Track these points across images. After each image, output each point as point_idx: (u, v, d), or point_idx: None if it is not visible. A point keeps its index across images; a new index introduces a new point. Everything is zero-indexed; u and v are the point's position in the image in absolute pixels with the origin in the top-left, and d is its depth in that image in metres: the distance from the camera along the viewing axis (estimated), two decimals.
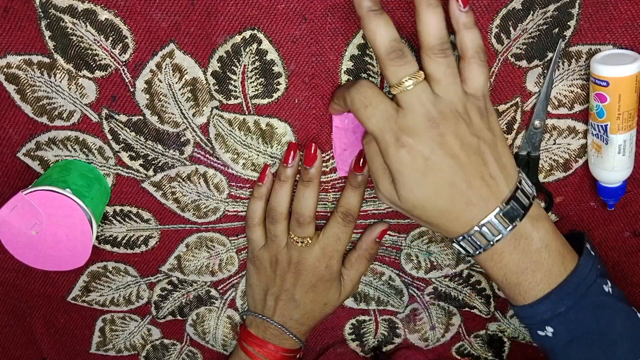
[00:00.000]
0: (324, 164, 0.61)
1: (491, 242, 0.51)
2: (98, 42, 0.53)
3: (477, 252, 0.52)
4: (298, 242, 0.62)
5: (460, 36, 0.50)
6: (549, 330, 0.53)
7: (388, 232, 0.66)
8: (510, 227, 0.51)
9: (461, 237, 0.52)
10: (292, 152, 0.59)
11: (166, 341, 0.73)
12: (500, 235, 0.51)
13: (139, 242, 0.65)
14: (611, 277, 0.55)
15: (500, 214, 0.51)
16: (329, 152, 0.60)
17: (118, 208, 0.62)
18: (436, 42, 0.49)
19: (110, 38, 0.53)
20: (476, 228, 0.51)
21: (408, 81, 0.49)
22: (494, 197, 0.51)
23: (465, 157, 0.50)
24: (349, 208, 0.61)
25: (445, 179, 0.50)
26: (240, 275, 0.69)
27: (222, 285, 0.69)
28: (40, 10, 0.51)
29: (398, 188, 0.51)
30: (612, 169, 0.57)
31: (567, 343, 0.53)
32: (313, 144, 0.59)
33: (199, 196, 0.62)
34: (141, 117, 0.57)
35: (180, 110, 0.57)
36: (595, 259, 0.54)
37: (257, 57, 0.55)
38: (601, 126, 0.56)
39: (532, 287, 0.52)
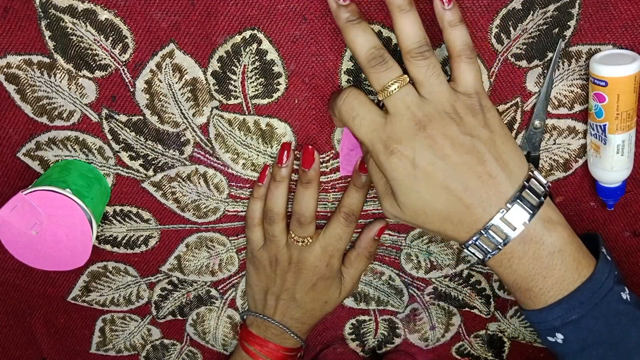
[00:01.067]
0: (324, 165, 0.61)
1: (499, 247, 0.49)
2: (98, 42, 0.53)
3: (487, 257, 0.50)
4: (298, 242, 0.62)
5: (446, 34, 0.50)
6: (559, 337, 0.51)
7: (388, 232, 0.66)
8: (517, 229, 0.48)
9: (469, 243, 0.50)
10: (285, 152, 0.59)
11: (166, 341, 0.73)
12: (508, 238, 0.49)
13: (139, 242, 0.65)
14: (627, 282, 0.52)
15: (505, 216, 0.48)
16: (329, 152, 0.60)
17: (118, 208, 0.62)
18: (414, 46, 0.49)
19: (110, 38, 0.53)
20: (482, 231, 0.49)
21: (392, 85, 0.49)
22: (495, 198, 0.48)
23: (458, 158, 0.48)
24: (352, 208, 0.61)
25: (439, 181, 0.48)
26: (240, 275, 0.69)
27: (222, 285, 0.69)
28: (40, 10, 0.51)
29: (396, 197, 0.51)
30: (610, 169, 0.57)
31: (578, 351, 0.50)
32: (310, 146, 0.59)
33: (199, 196, 0.62)
34: (141, 117, 0.57)
35: (180, 110, 0.57)
36: (612, 264, 0.51)
37: (257, 57, 0.55)
38: (600, 126, 0.56)
39: (542, 293, 0.50)
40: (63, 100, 0.56)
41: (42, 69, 0.54)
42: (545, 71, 0.57)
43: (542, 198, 0.49)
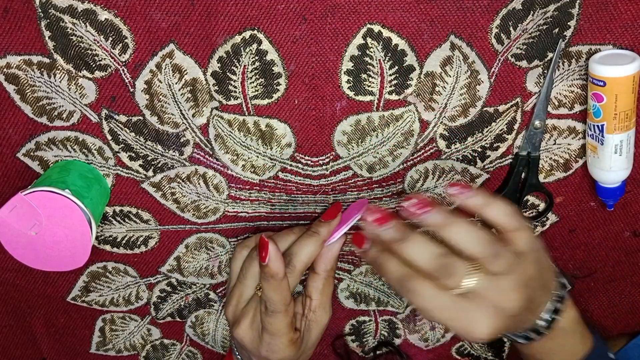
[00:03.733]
0: (324, 167, 0.61)
1: (527, 341, 0.56)
2: (98, 43, 0.53)
3: (517, 342, 0.57)
4: None
5: (485, 215, 0.50)
6: None
7: None
8: (547, 331, 0.54)
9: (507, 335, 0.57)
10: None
11: (166, 341, 0.73)
12: (535, 336, 0.55)
13: (139, 243, 0.65)
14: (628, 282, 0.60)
15: (540, 326, 0.54)
16: (329, 154, 0.60)
17: (118, 208, 0.62)
18: (485, 254, 0.49)
19: (110, 38, 0.53)
20: (518, 334, 0.56)
21: (466, 282, 0.49)
22: (536, 317, 0.54)
23: (522, 311, 0.51)
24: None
25: (502, 328, 0.51)
26: None
27: (221, 289, 0.69)
28: (40, 10, 0.51)
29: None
30: (609, 169, 0.57)
31: None
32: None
33: (198, 197, 0.62)
34: (141, 118, 0.57)
35: (180, 110, 0.57)
36: (598, 332, 0.60)
37: (257, 58, 0.55)
38: (597, 126, 0.56)
39: None
40: (63, 100, 0.56)
41: (42, 69, 0.54)
42: (545, 71, 0.57)
43: (564, 300, 0.55)
